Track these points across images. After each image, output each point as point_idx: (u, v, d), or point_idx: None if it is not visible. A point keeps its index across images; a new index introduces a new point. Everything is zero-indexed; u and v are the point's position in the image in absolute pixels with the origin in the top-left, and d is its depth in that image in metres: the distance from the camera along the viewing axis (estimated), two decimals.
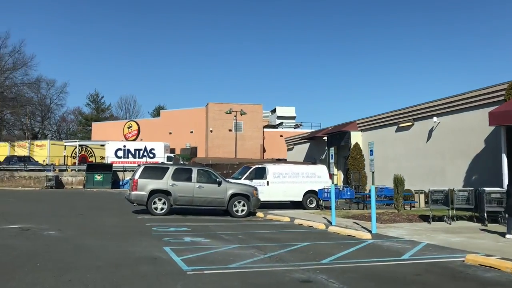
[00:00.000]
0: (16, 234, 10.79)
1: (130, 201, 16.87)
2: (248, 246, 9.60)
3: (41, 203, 20.93)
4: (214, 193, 17.06)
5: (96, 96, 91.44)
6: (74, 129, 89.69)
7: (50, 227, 12.10)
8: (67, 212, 16.85)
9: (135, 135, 63.65)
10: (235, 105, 48.80)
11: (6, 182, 34.58)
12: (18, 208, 18.03)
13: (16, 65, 53.00)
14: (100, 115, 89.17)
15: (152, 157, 41.19)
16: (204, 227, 13.26)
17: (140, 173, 16.91)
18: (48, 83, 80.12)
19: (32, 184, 34.78)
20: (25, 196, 25.14)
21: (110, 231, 11.77)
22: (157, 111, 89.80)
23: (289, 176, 21.02)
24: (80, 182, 36.01)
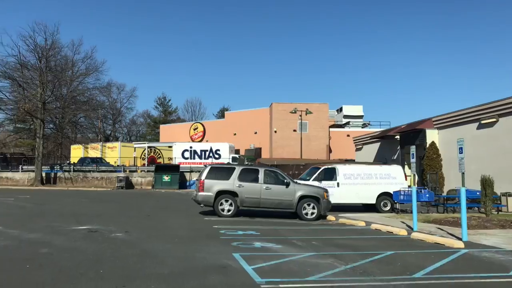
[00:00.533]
0: (84, 236, 10.57)
1: (197, 202, 16.47)
2: (325, 255, 8.66)
3: (111, 204, 21.15)
4: (282, 194, 16.26)
5: (164, 99, 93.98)
6: (143, 132, 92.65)
7: (118, 229, 11.83)
8: (135, 213, 16.74)
9: (200, 136, 64.44)
10: (300, 105, 47.73)
11: (79, 182, 35.90)
12: (89, 209, 18.21)
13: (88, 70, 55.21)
14: (168, 118, 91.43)
15: (217, 158, 41.16)
16: (273, 231, 12.47)
17: (206, 173, 16.46)
18: (118, 87, 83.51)
19: (104, 185, 35.83)
20: (97, 197, 25.70)
21: (177, 234, 11.28)
22: (222, 113, 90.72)
23: (361, 177, 19.75)
24: (149, 182, 36.62)
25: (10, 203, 19.87)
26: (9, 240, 9.58)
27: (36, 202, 20.55)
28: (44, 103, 33.80)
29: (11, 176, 36.18)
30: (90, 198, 24.49)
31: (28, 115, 33.57)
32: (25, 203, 19.79)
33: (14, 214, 15.23)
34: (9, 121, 35.07)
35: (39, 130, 34.17)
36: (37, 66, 34.31)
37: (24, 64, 34.14)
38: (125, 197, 25.74)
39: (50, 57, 34.76)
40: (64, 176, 36.27)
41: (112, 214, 16.13)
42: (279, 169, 18.86)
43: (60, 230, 11.34)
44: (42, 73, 33.65)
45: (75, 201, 22.25)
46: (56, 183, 35.88)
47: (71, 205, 19.75)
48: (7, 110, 34.41)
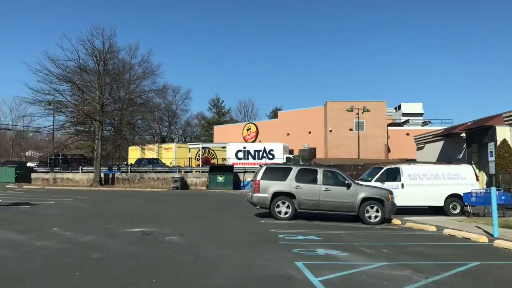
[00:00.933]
0: (138, 239, 10.16)
1: (252, 203, 15.83)
2: (400, 265, 7.68)
3: (166, 205, 20.98)
4: (343, 196, 15.27)
5: (217, 101, 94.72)
6: (198, 133, 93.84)
7: (172, 232, 11.37)
8: (190, 214, 16.34)
9: (253, 137, 64.12)
10: (356, 103, 46.14)
11: (137, 183, 36.42)
12: (144, 210, 18.06)
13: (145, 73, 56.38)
14: (221, 119, 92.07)
15: (271, 158, 40.50)
16: (335, 236, 11.56)
17: (262, 174, 15.77)
18: (173, 90, 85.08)
19: (159, 185, 36.14)
20: (153, 197, 25.75)
21: (233, 238, 10.66)
22: (274, 113, 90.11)
23: (428, 177, 18.32)
24: (203, 183, 36.56)
25: (69, 203, 20.13)
26: (63, 243, 9.32)
27: (93, 203, 20.73)
28: (102, 105, 34.53)
29: (71, 177, 37.31)
30: (146, 198, 24.53)
31: (87, 117, 34.41)
32: (83, 204, 19.99)
33: (71, 215, 15.24)
34: (70, 123, 36.15)
35: (97, 132, 34.94)
36: (96, 69, 35.12)
37: (83, 68, 35.04)
38: (180, 198, 25.61)
39: (107, 60, 35.49)
40: (122, 177, 36.95)
41: (167, 216, 15.80)
42: (339, 169, 17.85)
43: (114, 233, 11.03)
44: (100, 76, 34.39)
45: (132, 201, 22.30)
46: (114, 183, 36.59)
47: (128, 206, 19.73)
48: (68, 112, 35.46)
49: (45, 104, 35.17)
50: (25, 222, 12.88)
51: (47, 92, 33.28)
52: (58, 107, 34.53)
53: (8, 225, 12.00)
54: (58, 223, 12.72)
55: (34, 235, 10.20)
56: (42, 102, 33.53)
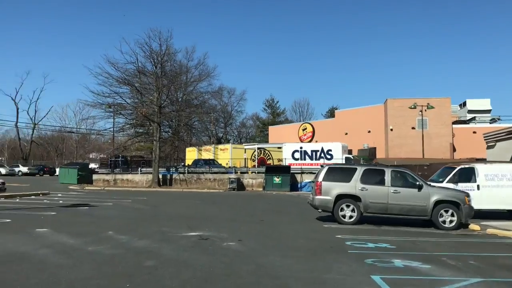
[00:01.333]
0: (194, 244, 9.51)
1: (313, 206, 14.86)
2: (499, 283, 6.48)
3: (223, 206, 20.44)
4: (414, 199, 13.96)
5: (272, 101, 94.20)
6: (253, 134, 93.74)
7: (230, 236, 10.66)
8: (248, 217, 15.62)
9: (310, 137, 62.87)
10: (419, 100, 43.75)
11: (193, 184, 36.37)
12: (201, 212, 17.58)
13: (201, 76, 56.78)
14: (276, 119, 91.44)
15: (329, 158, 39.15)
16: (410, 244, 10.38)
17: (324, 174, 14.74)
18: (229, 91, 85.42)
19: (216, 186, 35.88)
20: (210, 198, 25.38)
21: (295, 245, 9.77)
22: (331, 113, 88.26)
23: (507, 178, 16.51)
24: (259, 184, 35.92)
25: (127, 205, 20.06)
26: (116, 248, 8.82)
27: (151, 204, 20.55)
28: (160, 107, 34.74)
29: (131, 178, 37.87)
30: (203, 200, 24.17)
31: (146, 119, 34.72)
32: (141, 205, 19.83)
33: (128, 217, 14.96)
34: (129, 125, 36.71)
35: (156, 134, 35.20)
36: (153, 72, 35.40)
37: (142, 70, 35.44)
38: (237, 199, 25.05)
39: (164, 63, 35.69)
40: (179, 178, 37.07)
41: (225, 218, 15.16)
42: (408, 169, 16.45)
43: (169, 237, 10.47)
44: (158, 78, 34.62)
45: (189, 203, 21.97)
46: (172, 184, 36.76)
47: (184, 208, 19.36)
48: (127, 114, 35.98)
49: (106, 106, 35.86)
50: (81, 224, 12.65)
51: (107, 95, 33.93)
52: (118, 110, 35.11)
53: (64, 227, 11.78)
54: (114, 226, 12.40)
55: (88, 239, 9.82)
56: (102, 104, 34.21)
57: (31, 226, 11.64)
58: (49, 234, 10.46)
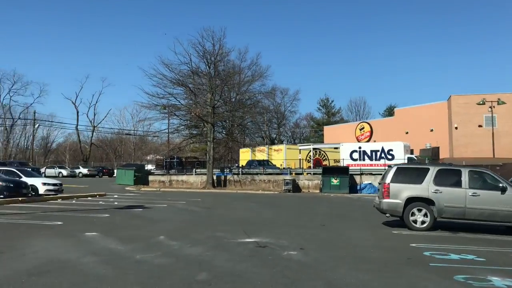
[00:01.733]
0: (251, 253, 8.53)
1: (380, 210, 13.50)
2: None
3: (280, 209, 19.42)
4: (496, 203, 12.31)
5: (327, 101, 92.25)
6: (307, 134, 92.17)
7: (291, 244, 9.60)
8: (308, 221, 14.48)
9: (367, 136, 60.67)
10: (487, 96, 40.70)
11: (248, 185, 35.63)
12: (257, 215, 16.66)
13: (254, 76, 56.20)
14: (331, 119, 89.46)
15: (390, 158, 37.13)
16: (502, 256, 8.89)
17: (392, 175, 13.33)
18: (282, 91, 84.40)
19: (271, 188, 34.95)
20: (265, 200, 24.45)
21: (367, 255, 8.56)
22: (388, 111, 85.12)
23: None
24: (316, 186, 34.62)
25: (181, 207, 19.50)
26: (166, 257, 7.98)
27: (205, 206, 19.89)
28: (213, 107, 34.30)
29: (185, 179, 37.73)
30: (258, 202, 23.28)
31: (200, 120, 34.39)
32: (195, 207, 19.21)
33: (181, 220, 14.27)
34: (183, 126, 36.58)
35: (209, 134, 34.81)
36: (207, 72, 35.04)
37: (195, 71, 35.16)
38: (294, 202, 23.95)
39: (218, 62, 35.19)
40: (233, 179, 36.47)
41: (283, 222, 14.12)
42: (489, 169, 14.69)
43: (224, 244, 9.56)
44: (211, 79, 34.21)
45: (244, 205, 21.13)
46: (226, 185, 36.24)
47: (239, 210, 18.52)
48: (181, 115, 35.86)
49: (161, 108, 35.91)
50: (133, 228, 12.04)
51: (161, 96, 33.95)
52: (172, 111, 35.03)
53: (114, 231, 11.19)
54: (166, 229, 11.68)
55: (137, 245, 9.09)
56: (157, 106, 34.26)
57: (81, 230, 11.13)
58: (97, 239, 9.86)
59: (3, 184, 18.95)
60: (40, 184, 21.94)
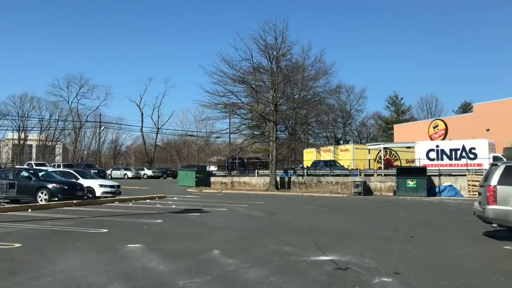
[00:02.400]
0: (329, 280, 6.38)
1: (484, 219, 10.84)
2: None
3: (353, 215, 17.08)
4: None
5: (395, 98, 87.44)
6: (375, 134, 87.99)
7: (380, 265, 7.37)
8: (390, 232, 12.07)
9: (442, 135, 56.11)
10: None
11: (313, 187, 33.37)
12: (327, 222, 14.48)
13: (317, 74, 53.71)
14: (400, 117, 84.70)
15: (472, 158, 33.34)
16: None
17: (499, 176, 10.64)
18: (347, 89, 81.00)
19: (339, 190, 32.45)
20: (334, 204, 22.17)
21: (488, 285, 6.17)
22: (463, 108, 79.36)
23: None
24: (389, 188, 31.69)
25: (241, 211, 17.72)
26: (216, 284, 6.05)
27: (268, 210, 17.97)
28: (276, 105, 32.42)
29: (248, 181, 36.10)
30: (326, 206, 21.03)
31: (262, 118, 32.66)
32: (257, 212, 17.34)
33: (241, 228, 12.39)
34: (245, 125, 34.96)
35: (272, 134, 32.96)
36: (268, 68, 33.24)
37: (256, 67, 33.48)
38: (367, 206, 21.45)
39: (280, 57, 33.21)
40: (298, 181, 34.32)
41: (360, 233, 11.83)
42: None
43: (293, 263, 7.49)
44: (273, 74, 32.34)
45: (310, 210, 18.98)
46: (290, 187, 34.19)
47: (306, 216, 16.42)
48: (242, 114, 34.30)
49: (222, 107, 34.60)
50: (184, 237, 10.31)
51: (221, 94, 32.58)
52: (233, 109, 33.55)
53: (162, 242, 9.50)
54: (222, 240, 9.83)
55: (184, 264, 7.24)
56: (217, 104, 32.93)
57: (124, 240, 9.55)
58: (139, 253, 8.16)
59: (57, 186, 18.14)
60: (97, 186, 21.08)
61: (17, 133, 76.92)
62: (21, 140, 77.01)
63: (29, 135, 79.03)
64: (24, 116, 74.54)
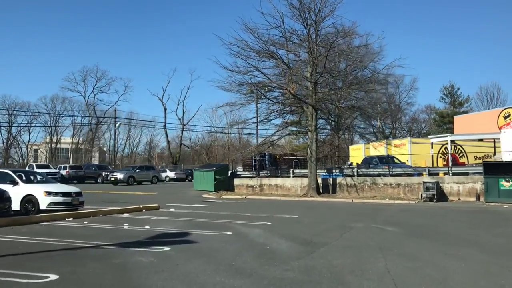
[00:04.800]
0: None
1: None
2: None
3: (458, 245, 9.31)
4: None
5: (451, 89, 77.29)
6: (427, 129, 78.25)
7: None
8: None
9: None
10: None
11: (366, 191, 25.40)
12: (421, 268, 6.91)
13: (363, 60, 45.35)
14: (457, 110, 74.66)
15: None
16: None
17: None
18: (396, 79, 71.70)
19: (401, 195, 24.36)
20: (404, 218, 14.42)
21: None
22: None
23: None
24: (469, 191, 23.29)
25: (255, 238, 10.23)
26: None
27: (302, 236, 10.40)
28: (315, 83, 24.65)
29: (280, 183, 28.43)
30: (396, 223, 13.19)
31: (297, 101, 24.93)
32: (281, 239, 9.85)
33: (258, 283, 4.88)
34: (275, 113, 27.07)
35: (310, 121, 25.23)
36: (305, 36, 25.45)
37: (289, 36, 25.76)
38: (462, 222, 13.50)
39: (320, 22, 25.22)
40: (346, 183, 26.40)
41: None
42: None
43: None
44: (312, 43, 24.46)
45: (374, 232, 11.21)
46: (336, 191, 26.32)
47: (373, 249, 8.71)
48: (272, 98, 26.42)
49: (247, 91, 27.21)
50: None
51: (244, 71, 25.01)
52: (260, 91, 25.80)
53: None
54: None
55: None
56: (241, 85, 25.34)
57: None
58: None
59: None
60: (41, 194, 13.98)
61: (49, 136, 71.88)
62: (53, 143, 71.98)
63: (61, 138, 73.73)
64: (53, 116, 69.31)
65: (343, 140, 63.61)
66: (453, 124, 65.28)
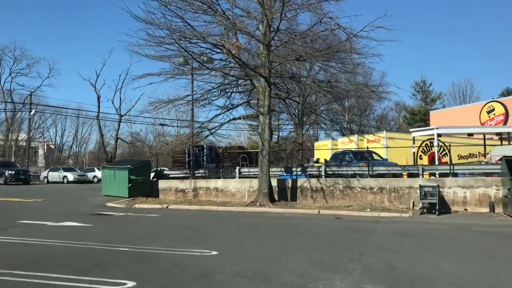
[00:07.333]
0: None
1: None
2: None
3: None
4: None
5: (423, 84, 72.24)
6: (395, 128, 72.87)
7: None
8: None
9: (501, 121, 40.91)
10: None
11: (338, 197, 18.24)
12: None
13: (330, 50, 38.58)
14: (429, 107, 69.61)
15: None
16: None
17: None
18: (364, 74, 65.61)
19: (386, 203, 17.44)
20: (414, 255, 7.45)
21: None
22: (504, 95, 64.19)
23: None
24: (482, 199, 16.61)
25: None
26: None
27: None
28: (268, 46, 17.37)
29: (222, 186, 20.87)
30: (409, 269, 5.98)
31: (243, 70, 17.54)
32: None
33: None
34: (216, 90, 19.50)
35: (262, 100, 17.97)
36: None
37: None
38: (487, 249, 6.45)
39: None
40: (310, 186, 19.20)
41: None
42: None
43: None
44: None
45: None
46: (297, 198, 19.10)
47: None
48: (212, 68, 18.82)
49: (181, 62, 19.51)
50: None
51: (165, 27, 17.20)
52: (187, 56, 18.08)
53: None
54: None
55: None
56: (161, 44, 17.55)
57: None
58: None
59: None
60: None
61: None
62: None
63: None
64: None
65: (307, 137, 57.05)
66: (425, 122, 59.69)
